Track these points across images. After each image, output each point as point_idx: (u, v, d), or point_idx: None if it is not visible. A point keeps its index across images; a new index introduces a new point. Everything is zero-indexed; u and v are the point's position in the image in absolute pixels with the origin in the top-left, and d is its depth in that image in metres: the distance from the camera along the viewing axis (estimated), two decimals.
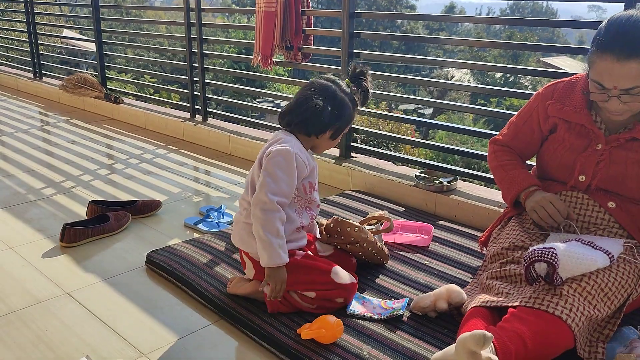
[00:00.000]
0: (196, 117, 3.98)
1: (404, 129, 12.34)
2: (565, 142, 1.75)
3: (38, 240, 2.31)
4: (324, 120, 1.73)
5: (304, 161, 1.72)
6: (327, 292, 1.71)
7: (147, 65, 13.27)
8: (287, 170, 1.67)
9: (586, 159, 1.71)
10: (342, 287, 1.72)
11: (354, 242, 1.88)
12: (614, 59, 1.52)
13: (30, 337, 1.66)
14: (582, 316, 1.42)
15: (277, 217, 1.64)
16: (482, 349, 1.26)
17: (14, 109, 4.83)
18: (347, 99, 1.77)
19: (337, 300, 1.72)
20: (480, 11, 58.46)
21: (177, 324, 1.74)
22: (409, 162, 3.01)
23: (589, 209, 1.71)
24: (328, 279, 1.71)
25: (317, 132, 1.76)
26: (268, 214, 1.63)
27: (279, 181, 1.65)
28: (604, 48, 1.54)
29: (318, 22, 20.69)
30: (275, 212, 1.63)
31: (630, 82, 1.53)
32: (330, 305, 1.72)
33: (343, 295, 1.72)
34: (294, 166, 1.68)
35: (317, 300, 1.71)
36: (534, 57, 25.39)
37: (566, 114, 1.75)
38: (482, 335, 1.24)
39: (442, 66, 22.98)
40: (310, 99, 1.73)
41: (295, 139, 1.75)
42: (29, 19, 5.55)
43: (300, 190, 1.76)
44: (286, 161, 1.67)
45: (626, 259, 1.57)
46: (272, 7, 3.16)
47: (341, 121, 1.77)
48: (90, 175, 3.15)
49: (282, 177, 1.66)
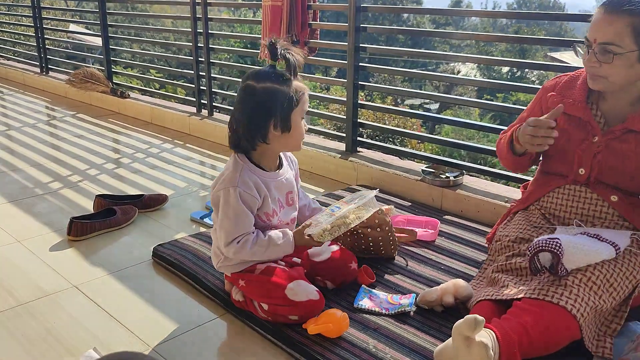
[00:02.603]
0: (202, 111, 3.99)
1: (410, 123, 12.32)
2: (564, 134, 1.76)
3: (45, 234, 2.32)
4: (257, 124, 1.61)
5: (251, 195, 1.63)
6: (279, 307, 1.61)
7: (153, 59, 13.27)
8: (235, 210, 1.61)
9: (583, 151, 1.71)
10: (295, 305, 1.59)
11: (376, 225, 1.86)
12: (602, 11, 1.59)
13: (38, 329, 1.67)
14: (587, 306, 1.42)
15: (247, 248, 1.62)
16: (474, 333, 1.27)
17: (21, 104, 4.85)
18: (270, 83, 1.60)
19: (290, 317, 1.61)
20: (486, 6, 58.10)
21: (184, 317, 1.74)
22: (415, 157, 3.00)
23: (592, 203, 1.71)
24: (281, 294, 1.60)
25: (259, 139, 1.64)
26: (240, 255, 1.64)
27: (229, 227, 1.61)
28: (600, 4, 1.61)
29: (324, 16, 20.46)
30: (241, 249, 1.62)
31: (606, 35, 1.56)
32: (285, 321, 1.62)
33: (296, 313, 1.60)
34: (240, 204, 1.61)
35: (270, 314, 1.63)
36: (542, 51, 25.24)
37: (565, 107, 1.76)
38: (473, 319, 1.26)
39: (449, 61, 22.89)
40: (234, 113, 1.66)
41: (241, 166, 1.65)
42: (35, 14, 5.56)
43: (256, 221, 1.68)
44: (228, 202, 1.61)
45: (632, 250, 1.57)
46: (278, 1, 3.16)
47: (276, 110, 1.60)
48: (97, 169, 3.16)
49: (231, 221, 1.61)
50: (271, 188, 1.69)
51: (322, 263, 1.79)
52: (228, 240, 1.62)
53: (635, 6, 1.53)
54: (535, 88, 2.30)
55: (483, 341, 1.28)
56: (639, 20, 1.53)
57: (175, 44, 5.22)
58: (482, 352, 1.27)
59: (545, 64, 2.70)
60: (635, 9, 1.53)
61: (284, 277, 1.64)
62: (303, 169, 3.17)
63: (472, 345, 1.28)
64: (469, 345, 1.28)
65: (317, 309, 1.62)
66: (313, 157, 3.12)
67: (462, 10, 3.30)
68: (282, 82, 1.61)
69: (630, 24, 1.53)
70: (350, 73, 2.99)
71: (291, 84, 1.62)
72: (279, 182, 1.72)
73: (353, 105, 3.05)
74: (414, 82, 25.05)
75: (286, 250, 1.68)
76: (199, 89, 3.95)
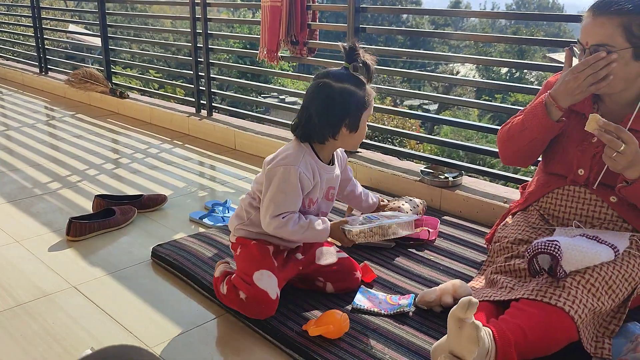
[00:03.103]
0: (201, 111, 3.99)
1: (409, 124, 12.34)
2: (564, 131, 1.76)
3: (44, 234, 2.32)
4: (330, 121, 1.68)
5: (308, 178, 1.69)
6: (241, 281, 1.66)
7: (153, 60, 13.27)
8: (291, 187, 1.66)
9: (582, 152, 1.72)
10: (252, 285, 1.63)
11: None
12: (590, 14, 1.60)
13: (36, 329, 1.67)
14: (585, 308, 1.42)
15: (289, 226, 1.67)
16: (467, 315, 1.27)
17: (20, 104, 4.85)
18: (348, 85, 1.67)
19: (240, 294, 1.64)
20: (485, 7, 58.15)
21: (183, 318, 1.74)
22: (414, 157, 3.00)
23: (592, 204, 1.71)
24: (251, 271, 1.66)
25: (330, 135, 1.70)
26: (280, 231, 1.68)
27: (281, 202, 1.66)
28: (589, 8, 1.62)
29: (323, 17, 20.54)
30: (284, 226, 1.66)
31: (598, 37, 1.57)
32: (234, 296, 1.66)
33: (247, 293, 1.63)
34: (297, 183, 1.66)
35: (228, 290, 1.69)
36: (540, 52, 25.25)
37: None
38: (467, 300, 1.26)
39: (448, 61, 22.89)
40: (309, 107, 1.70)
41: (304, 151, 1.71)
42: (34, 14, 5.56)
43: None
44: (288, 179, 1.66)
45: (631, 252, 1.57)
46: (277, 2, 3.16)
47: (351, 111, 1.68)
48: (96, 169, 3.16)
49: (285, 196, 1.66)
50: (322, 179, 1.76)
51: (327, 267, 1.82)
52: (276, 213, 1.67)
53: (622, 6, 1.55)
54: (534, 89, 2.31)
55: (475, 322, 1.28)
56: (627, 19, 1.55)
57: (174, 44, 5.22)
58: (472, 333, 1.27)
59: (543, 64, 2.71)
60: (622, 8, 1.55)
61: (267, 264, 1.70)
62: None
63: (463, 327, 1.28)
64: (460, 327, 1.28)
65: (266, 304, 1.63)
66: None
67: (461, 11, 3.31)
68: (357, 85, 1.69)
69: (620, 24, 1.55)
70: None
71: (365, 88, 1.71)
72: (329, 175, 1.79)
73: None
74: (413, 82, 25.08)
75: (322, 237, 1.73)
76: (198, 90, 3.95)
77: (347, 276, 1.83)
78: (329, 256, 1.85)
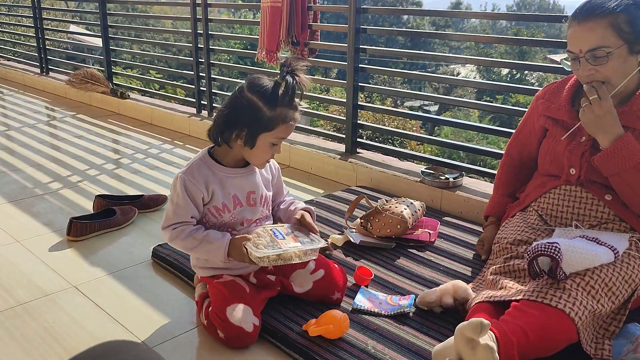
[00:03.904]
0: (202, 112, 3.99)
1: (410, 125, 12.34)
2: (555, 137, 1.81)
3: (45, 234, 2.32)
4: (226, 126, 1.60)
5: (196, 186, 1.62)
6: (216, 318, 1.59)
7: (153, 60, 13.27)
8: (177, 197, 1.62)
9: (571, 151, 1.75)
10: (226, 322, 1.56)
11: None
12: (575, 23, 1.64)
13: (37, 329, 1.68)
14: (586, 310, 1.42)
15: (181, 238, 1.62)
16: (479, 336, 1.27)
17: (21, 104, 4.85)
18: (257, 99, 1.56)
19: (218, 333, 1.58)
20: (485, 8, 58.21)
21: (183, 318, 1.74)
22: (415, 158, 3.01)
23: (588, 203, 1.72)
24: (223, 308, 1.59)
25: (223, 139, 1.63)
26: (174, 243, 1.65)
27: (169, 212, 1.63)
28: (571, 18, 1.66)
29: (324, 17, 20.51)
30: (176, 237, 1.62)
31: (591, 42, 1.61)
32: (212, 333, 1.61)
33: (222, 331, 1.57)
34: (183, 192, 1.62)
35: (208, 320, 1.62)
36: (541, 54, 25.26)
37: (551, 112, 1.84)
38: (479, 322, 1.26)
39: (448, 62, 22.89)
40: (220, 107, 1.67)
41: (199, 156, 1.68)
42: (35, 14, 5.57)
43: (207, 215, 1.67)
44: (175, 188, 1.64)
45: (631, 253, 1.57)
46: (277, 3, 3.16)
47: (247, 125, 1.57)
48: (96, 169, 3.16)
49: (175, 205, 1.63)
50: (225, 184, 1.67)
51: (303, 294, 1.74)
52: (167, 224, 1.64)
53: (605, 7, 1.59)
54: (534, 90, 2.31)
55: (489, 344, 1.28)
56: (614, 18, 1.58)
57: (175, 45, 5.21)
58: (487, 355, 1.27)
59: (544, 65, 2.71)
60: (606, 9, 1.59)
61: (237, 295, 1.62)
62: (303, 169, 3.17)
63: (477, 348, 1.28)
64: (473, 347, 1.28)
65: (243, 338, 1.57)
66: (312, 158, 3.12)
67: (461, 12, 3.31)
68: (269, 103, 1.56)
69: (609, 24, 1.58)
70: (350, 74, 2.99)
71: (277, 109, 1.57)
72: (238, 179, 1.69)
73: (353, 107, 3.05)
74: (414, 83, 25.09)
75: (218, 253, 1.61)
76: (199, 90, 3.96)
77: (324, 299, 1.74)
78: (304, 283, 1.74)
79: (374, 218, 2.15)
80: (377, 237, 2.15)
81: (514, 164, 2.06)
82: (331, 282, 1.75)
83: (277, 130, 1.59)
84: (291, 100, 1.58)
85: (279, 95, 1.56)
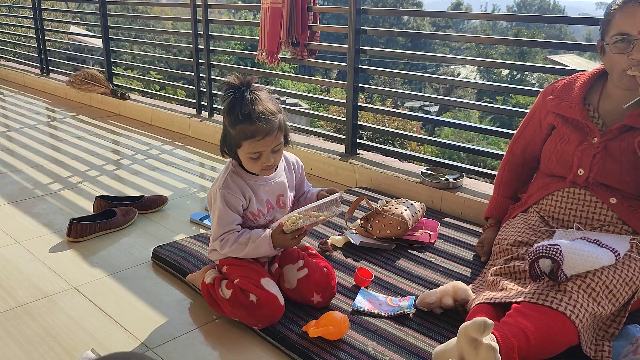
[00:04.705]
0: (202, 113, 3.99)
1: (410, 126, 12.33)
2: (564, 136, 1.79)
3: (45, 235, 2.32)
4: (220, 143, 1.70)
5: (235, 196, 1.69)
6: (249, 284, 1.63)
7: (154, 61, 13.28)
8: (219, 210, 1.69)
9: (583, 152, 1.73)
10: (262, 289, 1.62)
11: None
12: (637, 4, 1.59)
13: (37, 330, 1.68)
14: (586, 312, 1.42)
15: (229, 245, 1.69)
16: (482, 336, 1.27)
17: (21, 105, 4.85)
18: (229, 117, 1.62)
19: (250, 296, 1.61)
20: (486, 9, 58.24)
21: (183, 319, 1.74)
22: (415, 159, 3.00)
23: (591, 205, 1.71)
24: (257, 278, 1.66)
25: (226, 154, 1.71)
26: (226, 251, 1.71)
27: (215, 226, 1.71)
28: (625, 2, 1.61)
29: (324, 18, 20.52)
30: (225, 246, 1.70)
31: None
32: (243, 300, 1.61)
33: (258, 295, 1.60)
34: (224, 205, 1.68)
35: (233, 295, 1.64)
36: (541, 54, 25.26)
37: (562, 109, 1.81)
38: (482, 322, 1.26)
39: (448, 63, 22.90)
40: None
41: (228, 169, 1.73)
42: (36, 15, 5.57)
43: (246, 219, 1.75)
44: (216, 202, 1.70)
45: (632, 256, 1.57)
46: (278, 4, 3.16)
47: (226, 143, 1.68)
48: (96, 170, 3.16)
49: (218, 218, 1.70)
50: (258, 191, 1.74)
51: (290, 292, 1.75)
52: (215, 237, 1.73)
53: None
54: (535, 90, 2.31)
55: (492, 344, 1.28)
56: None
57: (175, 46, 5.22)
58: (490, 355, 1.27)
59: (545, 66, 2.71)
60: None
61: (265, 272, 1.73)
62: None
63: (479, 348, 1.28)
64: (476, 347, 1.28)
65: (277, 309, 1.63)
66: (313, 159, 3.12)
67: (462, 12, 3.31)
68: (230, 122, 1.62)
69: None
70: (350, 75, 2.99)
71: (237, 128, 1.60)
72: (268, 185, 1.76)
73: (353, 108, 3.05)
74: (414, 84, 25.09)
75: (264, 247, 1.68)
76: (199, 91, 3.96)
77: (305, 299, 1.74)
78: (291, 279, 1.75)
79: (374, 219, 2.15)
80: (377, 238, 2.15)
81: (517, 162, 2.04)
82: (311, 282, 1.73)
83: (245, 147, 1.63)
84: (248, 116, 1.58)
85: (234, 114, 1.60)
